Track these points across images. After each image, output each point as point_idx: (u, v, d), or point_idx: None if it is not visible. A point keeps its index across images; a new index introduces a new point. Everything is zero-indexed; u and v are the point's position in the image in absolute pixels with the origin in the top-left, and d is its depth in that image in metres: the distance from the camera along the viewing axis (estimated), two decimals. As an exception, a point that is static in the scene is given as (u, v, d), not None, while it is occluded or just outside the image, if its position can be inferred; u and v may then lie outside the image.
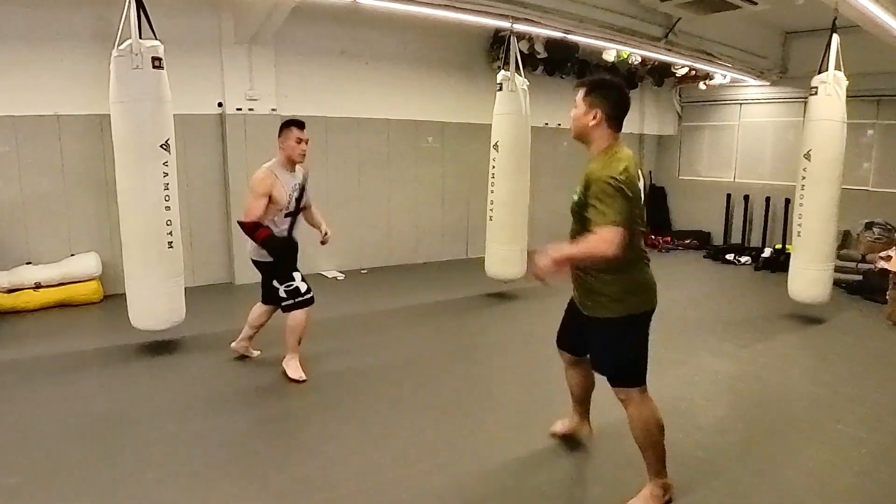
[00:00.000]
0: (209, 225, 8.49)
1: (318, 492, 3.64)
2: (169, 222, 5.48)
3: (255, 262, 5.23)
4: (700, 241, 12.49)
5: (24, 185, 7.32)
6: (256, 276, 8.02)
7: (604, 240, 3.08)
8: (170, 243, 5.50)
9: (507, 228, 7.70)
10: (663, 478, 3.49)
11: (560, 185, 11.72)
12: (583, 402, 4.07)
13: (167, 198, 5.43)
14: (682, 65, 10.76)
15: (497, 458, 4.07)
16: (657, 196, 13.54)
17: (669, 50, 8.99)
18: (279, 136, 5.23)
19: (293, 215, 5.18)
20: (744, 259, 11.02)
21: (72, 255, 7.51)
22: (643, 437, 3.45)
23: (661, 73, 11.70)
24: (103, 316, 7.11)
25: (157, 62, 5.29)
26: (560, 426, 4.22)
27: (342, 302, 7.80)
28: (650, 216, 12.99)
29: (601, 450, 4.15)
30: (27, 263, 7.28)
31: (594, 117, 3.34)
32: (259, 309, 5.60)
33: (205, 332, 6.40)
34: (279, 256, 5.07)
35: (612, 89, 3.40)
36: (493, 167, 7.69)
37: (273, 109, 8.53)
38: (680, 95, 13.21)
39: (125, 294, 5.72)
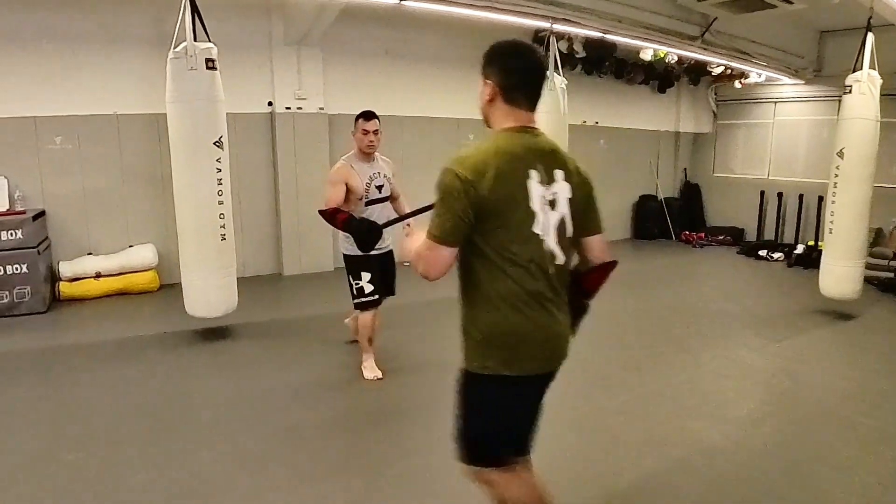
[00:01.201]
0: (259, 218, 8.60)
1: (362, 475, 3.68)
2: (222, 216, 5.56)
3: (343, 255, 5.14)
4: (734, 237, 12.29)
5: (86, 180, 7.50)
6: (304, 268, 8.12)
7: (417, 254, 2.34)
8: (223, 236, 5.58)
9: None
10: None
11: (597, 181, 11.63)
12: None
13: (220, 192, 5.51)
14: (718, 64, 10.64)
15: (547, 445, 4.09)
16: (692, 193, 13.41)
17: (706, 49, 8.89)
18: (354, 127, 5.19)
19: (373, 204, 5.05)
20: (776, 255, 10.82)
21: (130, 246, 7.66)
22: None
23: (697, 71, 11.59)
24: (160, 304, 7.23)
25: (210, 63, 5.38)
26: None
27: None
28: (686, 213, 12.90)
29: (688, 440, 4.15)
30: (88, 254, 7.46)
31: (487, 93, 2.39)
32: None
33: (255, 321, 6.48)
34: (359, 241, 4.77)
35: (502, 53, 2.42)
36: (532, 164, 7.65)
37: (321, 108, 8.63)
38: (716, 94, 13.02)
39: (180, 283, 5.84)
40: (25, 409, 4.52)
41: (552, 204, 2.35)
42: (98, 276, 7.36)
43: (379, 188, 5.09)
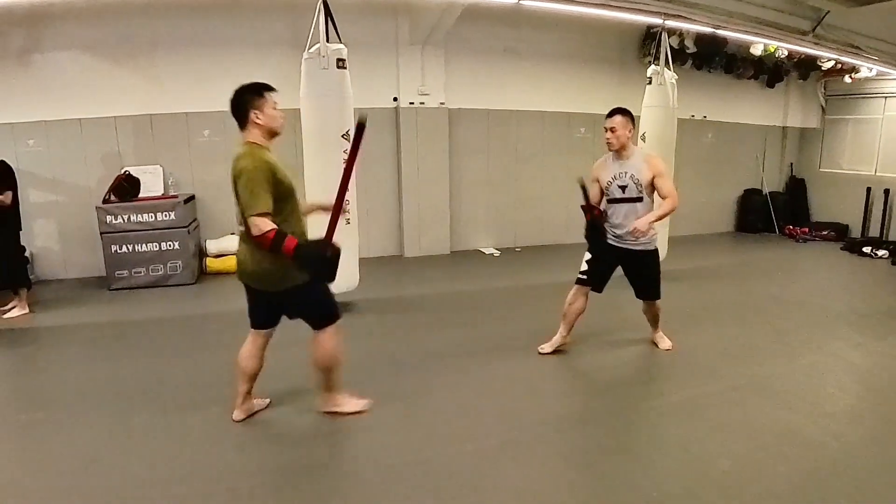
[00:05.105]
0: (383, 204, 8.71)
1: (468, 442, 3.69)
2: (347, 201, 5.63)
3: None
4: (837, 232, 11.43)
5: (230, 168, 7.75)
6: (423, 251, 8.22)
7: None
8: (347, 220, 5.62)
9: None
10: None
11: (703, 174, 11.22)
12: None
13: (346, 181, 5.62)
14: (828, 58, 9.95)
15: (648, 429, 4.01)
16: (797, 187, 12.60)
17: (816, 44, 8.32)
18: None
19: (615, 203, 4.83)
20: (881, 253, 9.95)
21: (267, 227, 7.94)
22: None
23: (807, 66, 10.84)
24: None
25: (340, 63, 5.47)
26: None
27: (497, 276, 7.89)
28: (790, 207, 12.17)
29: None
30: (231, 234, 7.70)
31: None
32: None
33: (375, 297, 6.60)
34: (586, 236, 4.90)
35: None
36: (640, 157, 7.42)
37: (441, 103, 8.63)
38: (824, 89, 12.15)
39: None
40: (178, 364, 4.91)
41: None
42: (239, 253, 7.66)
43: (622, 188, 4.77)
